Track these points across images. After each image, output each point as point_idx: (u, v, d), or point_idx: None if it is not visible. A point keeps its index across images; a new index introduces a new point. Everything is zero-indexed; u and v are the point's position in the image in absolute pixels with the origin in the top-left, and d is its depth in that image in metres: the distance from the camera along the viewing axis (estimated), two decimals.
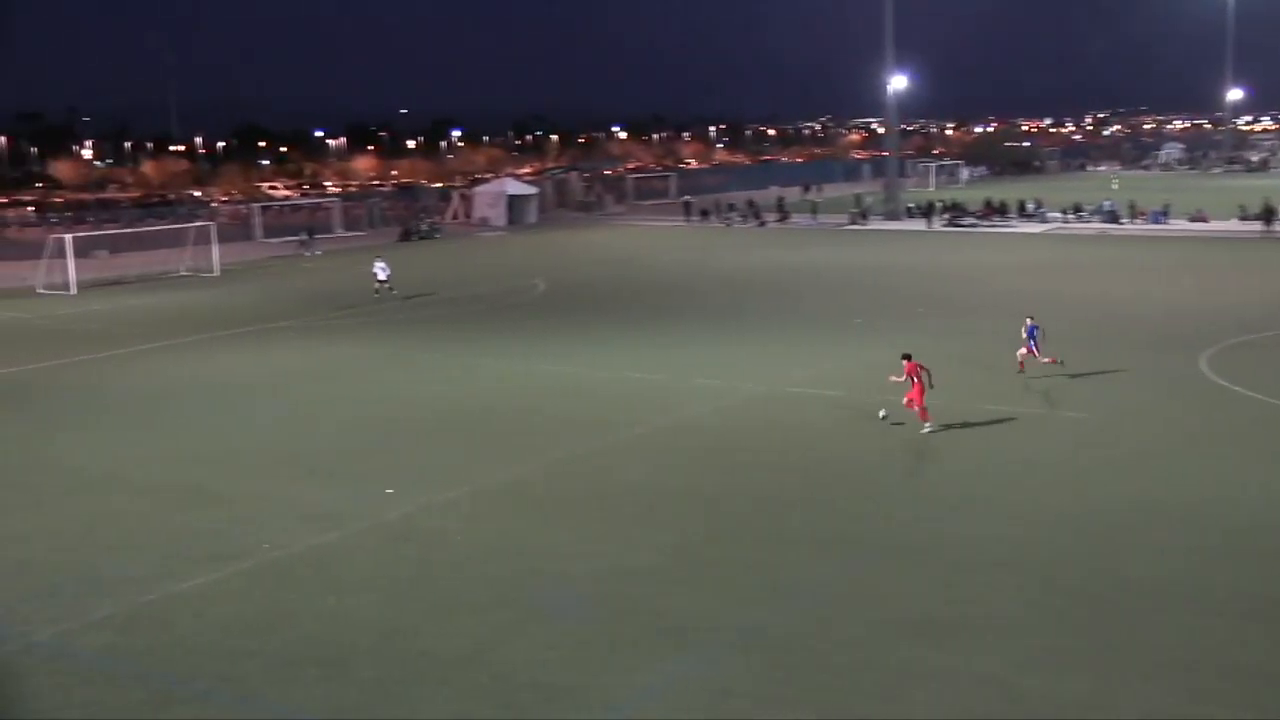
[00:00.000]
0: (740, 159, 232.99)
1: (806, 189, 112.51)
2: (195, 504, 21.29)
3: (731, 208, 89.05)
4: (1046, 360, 29.75)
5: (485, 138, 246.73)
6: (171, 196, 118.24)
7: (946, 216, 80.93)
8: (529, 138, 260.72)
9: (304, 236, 73.48)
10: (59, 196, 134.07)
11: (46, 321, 45.89)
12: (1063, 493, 20.71)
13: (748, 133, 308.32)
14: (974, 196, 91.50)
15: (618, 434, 25.35)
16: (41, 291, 54.55)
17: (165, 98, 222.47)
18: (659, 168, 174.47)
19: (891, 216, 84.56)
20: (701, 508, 20.30)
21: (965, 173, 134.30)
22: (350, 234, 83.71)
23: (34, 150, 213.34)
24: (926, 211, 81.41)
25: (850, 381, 29.92)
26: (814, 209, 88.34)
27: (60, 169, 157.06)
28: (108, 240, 69.97)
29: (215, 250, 61.89)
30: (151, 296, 52.69)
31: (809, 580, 16.97)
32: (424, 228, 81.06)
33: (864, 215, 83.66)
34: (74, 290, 53.89)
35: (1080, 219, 78.71)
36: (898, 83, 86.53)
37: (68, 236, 57.71)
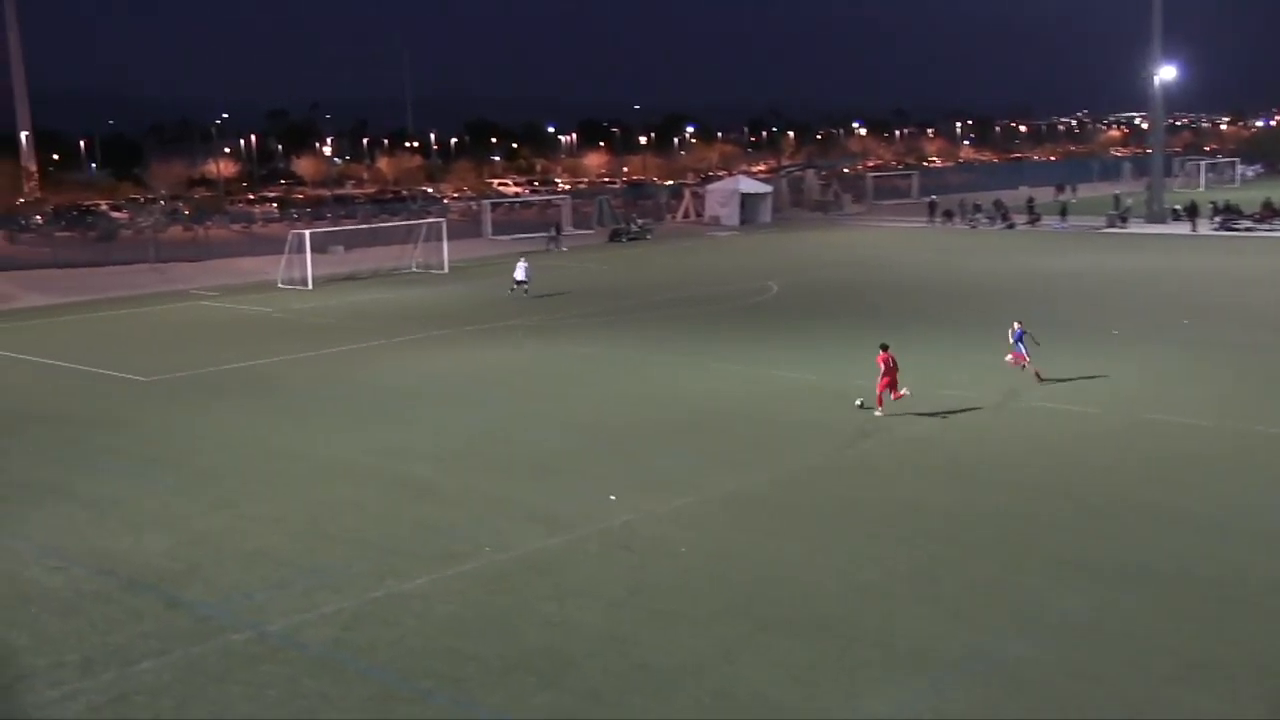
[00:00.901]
0: (988, 157, 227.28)
1: (1060, 189, 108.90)
2: (420, 500, 22.06)
3: (977, 208, 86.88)
4: (1023, 366, 30.53)
5: (719, 134, 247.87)
6: (404, 192, 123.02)
7: (1218, 220, 76.86)
8: (764, 134, 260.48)
9: (552, 233, 76.02)
10: (300, 193, 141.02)
11: (285, 315, 48.39)
12: None
13: (996, 128, 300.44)
14: (1250, 197, 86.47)
15: (851, 444, 25.11)
16: (282, 286, 57.66)
17: (401, 93, 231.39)
18: (900, 165, 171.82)
19: (1154, 219, 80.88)
20: (937, 525, 19.88)
21: (1241, 171, 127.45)
22: (580, 232, 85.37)
23: (279, 147, 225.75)
24: (1192, 213, 77.49)
25: (1101, 396, 28.85)
26: (1063, 210, 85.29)
27: (302, 166, 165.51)
28: (343, 236, 73.36)
29: (445, 247, 64.16)
30: (382, 292, 55.03)
31: (1051, 608, 16.41)
32: (633, 228, 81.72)
33: (1123, 218, 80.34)
34: (310, 285, 56.71)
35: None
36: (1165, 73, 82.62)
37: (306, 232, 60.96)
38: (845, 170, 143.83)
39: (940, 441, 25.28)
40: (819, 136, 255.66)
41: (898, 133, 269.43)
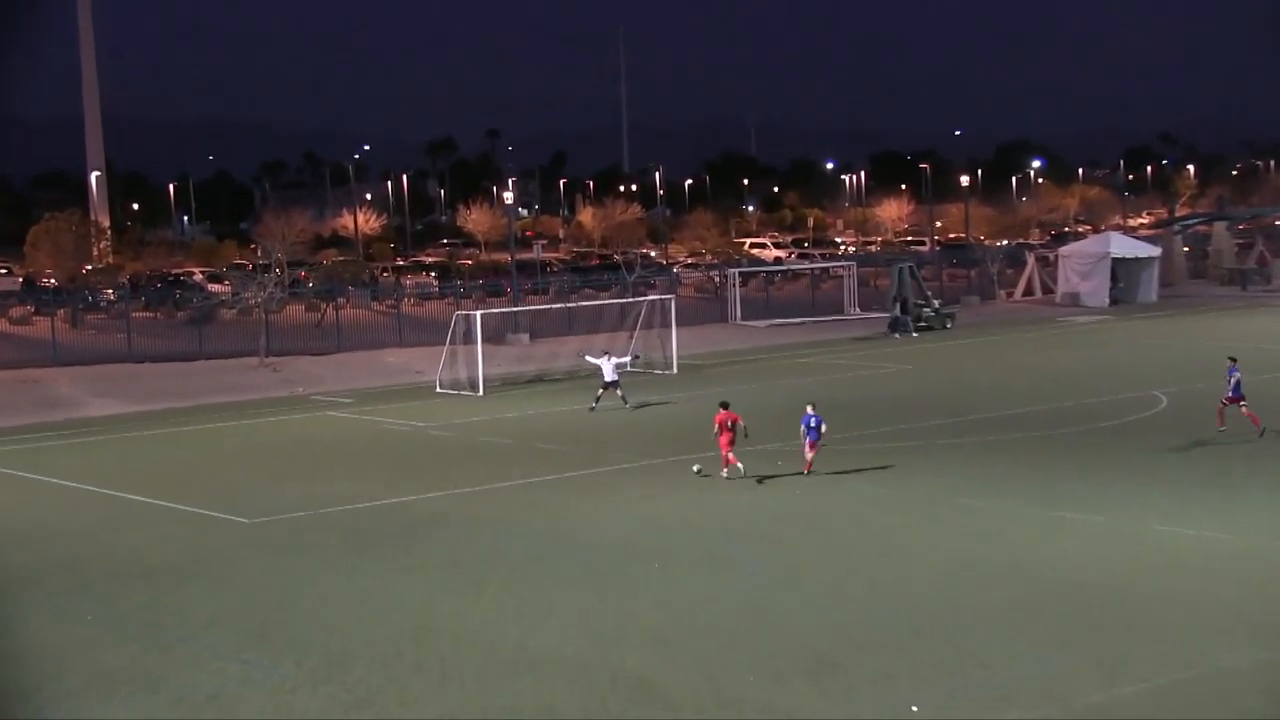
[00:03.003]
0: None
1: None
2: (637, 703, 22.20)
3: None
4: (808, 455, 38.76)
5: (1079, 170, 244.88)
6: (617, 256, 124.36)
7: None
8: (1148, 170, 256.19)
9: (896, 311, 78.44)
10: (469, 257, 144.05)
11: (444, 432, 49.82)
12: None
13: None
14: None
15: (1276, 637, 24.38)
16: (441, 390, 59.47)
17: (616, 120, 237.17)
18: None
19: None
20: None
21: None
22: (868, 315, 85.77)
23: (441, 193, 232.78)
24: None
25: None
26: None
27: (473, 219, 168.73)
28: (529, 320, 75.28)
29: (674, 336, 64.99)
30: (582, 401, 55.23)
31: None
32: (927, 312, 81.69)
33: None
34: (481, 390, 58.46)
35: None
36: None
37: (477, 314, 62.31)
38: (1277, 223, 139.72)
39: None
40: (1235, 172, 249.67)
41: None
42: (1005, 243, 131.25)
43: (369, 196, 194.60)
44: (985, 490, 36.85)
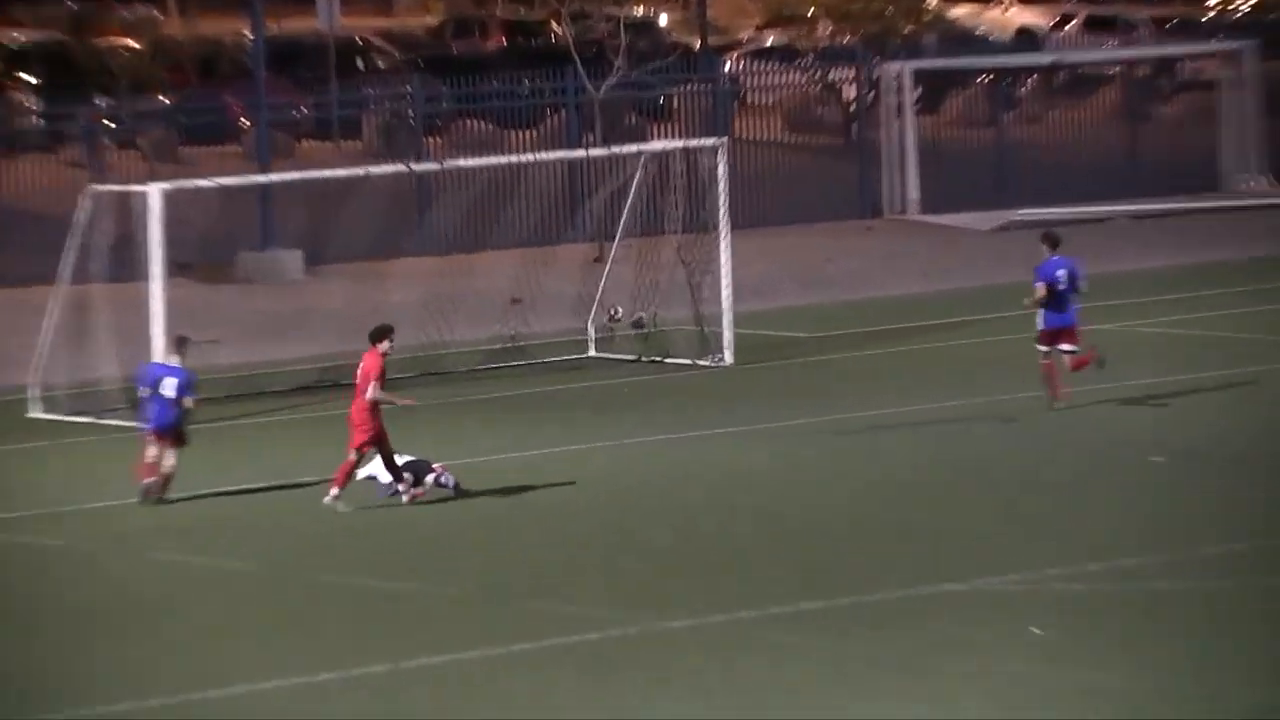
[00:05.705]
0: None
1: None
2: None
3: None
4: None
5: None
6: (560, 30, 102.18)
7: None
8: None
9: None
10: (122, 29, 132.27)
11: (50, 540, 39.82)
12: None
13: None
14: None
15: None
16: (43, 415, 51.47)
17: None
18: None
19: None
20: None
21: None
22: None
23: None
24: None
25: None
26: None
27: None
28: (302, 215, 67.16)
29: (724, 259, 55.88)
30: (449, 438, 46.99)
31: None
32: None
33: None
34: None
35: None
36: None
37: (151, 193, 51.82)
38: None
39: None
40: None
41: None
42: None
43: None
44: None
